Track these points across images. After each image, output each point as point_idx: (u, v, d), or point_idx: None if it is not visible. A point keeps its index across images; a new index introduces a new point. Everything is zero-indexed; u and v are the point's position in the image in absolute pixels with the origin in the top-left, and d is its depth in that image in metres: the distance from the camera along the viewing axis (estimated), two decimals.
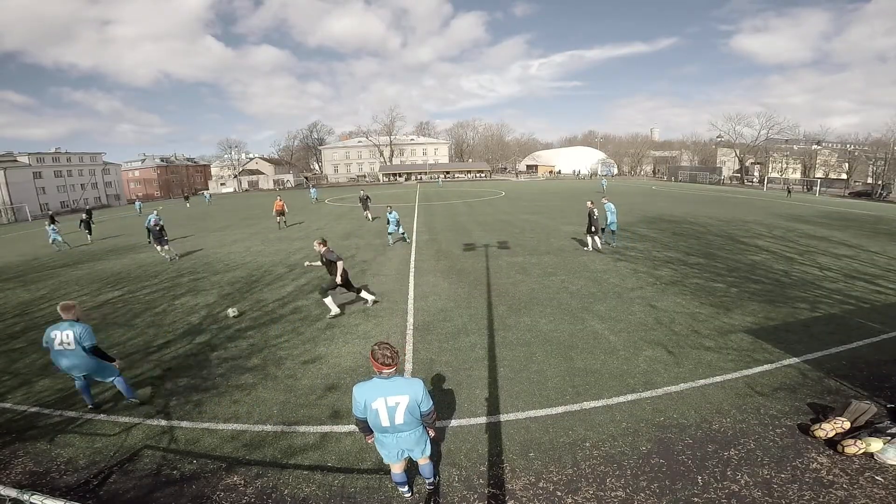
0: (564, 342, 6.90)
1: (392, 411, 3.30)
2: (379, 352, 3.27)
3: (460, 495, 3.85)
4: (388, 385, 3.30)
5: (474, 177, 76.19)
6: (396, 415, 3.32)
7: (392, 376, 3.32)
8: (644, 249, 13.78)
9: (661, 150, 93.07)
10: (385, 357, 3.24)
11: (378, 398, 3.28)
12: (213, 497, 3.91)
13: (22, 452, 4.63)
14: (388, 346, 3.31)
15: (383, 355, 3.25)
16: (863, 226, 19.43)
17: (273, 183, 75.94)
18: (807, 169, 62.59)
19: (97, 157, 69.14)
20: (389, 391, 3.29)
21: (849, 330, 7.13)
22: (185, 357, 6.90)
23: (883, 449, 4.05)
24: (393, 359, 3.26)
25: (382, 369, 3.26)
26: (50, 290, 11.60)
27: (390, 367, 3.26)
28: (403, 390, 3.32)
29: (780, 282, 10.00)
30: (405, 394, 3.31)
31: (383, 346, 3.30)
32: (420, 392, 3.36)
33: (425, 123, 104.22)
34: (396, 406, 3.30)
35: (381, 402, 3.29)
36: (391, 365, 3.26)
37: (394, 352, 3.30)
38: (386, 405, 3.29)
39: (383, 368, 3.25)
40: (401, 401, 3.30)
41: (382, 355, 3.25)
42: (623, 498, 3.74)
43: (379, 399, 3.28)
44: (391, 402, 3.29)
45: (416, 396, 3.34)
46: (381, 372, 3.28)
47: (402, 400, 3.30)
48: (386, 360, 3.24)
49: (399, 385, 3.33)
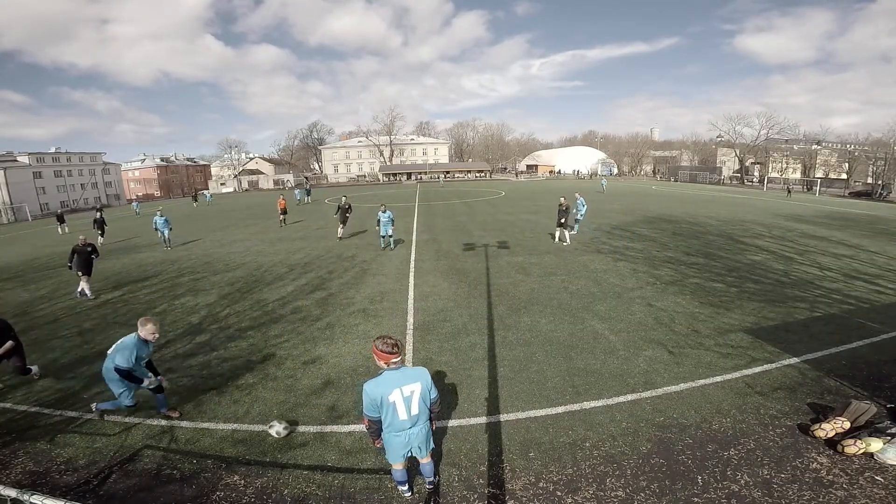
0: (564, 342, 6.90)
1: (408, 401, 3.30)
2: (381, 343, 3.26)
3: (460, 495, 3.85)
4: (400, 375, 3.30)
5: (474, 177, 76.18)
6: (412, 404, 3.31)
7: (400, 366, 3.32)
8: (644, 249, 13.78)
9: (661, 150, 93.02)
10: (389, 346, 3.23)
11: (394, 390, 3.26)
12: (213, 497, 3.91)
13: (22, 452, 4.62)
14: (390, 336, 3.32)
15: (387, 344, 3.23)
16: (863, 226, 19.43)
17: (273, 183, 75.96)
18: (807, 169, 62.57)
19: (97, 156, 69.16)
20: (403, 381, 3.29)
21: (848, 330, 7.13)
22: (185, 357, 6.90)
23: (883, 449, 4.05)
24: (399, 347, 3.27)
25: (390, 358, 3.24)
26: (50, 290, 11.60)
27: (396, 355, 3.25)
28: (415, 378, 3.34)
29: (780, 282, 10.00)
30: (417, 381, 3.33)
31: (385, 337, 3.30)
32: (428, 379, 3.42)
33: (425, 123, 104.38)
34: (412, 395, 3.30)
35: (398, 394, 3.26)
36: (397, 353, 3.25)
37: (397, 340, 3.30)
38: (402, 396, 3.27)
39: (391, 357, 3.24)
40: (415, 388, 3.31)
41: (386, 344, 3.24)
42: (623, 498, 3.74)
43: (395, 391, 3.26)
44: (406, 392, 3.28)
45: (426, 383, 3.38)
46: (389, 363, 3.26)
47: (415, 388, 3.31)
48: (390, 349, 3.23)
49: (409, 374, 3.35)
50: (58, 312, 9.56)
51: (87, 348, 7.43)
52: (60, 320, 9.01)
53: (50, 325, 8.70)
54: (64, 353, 7.22)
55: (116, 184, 72.67)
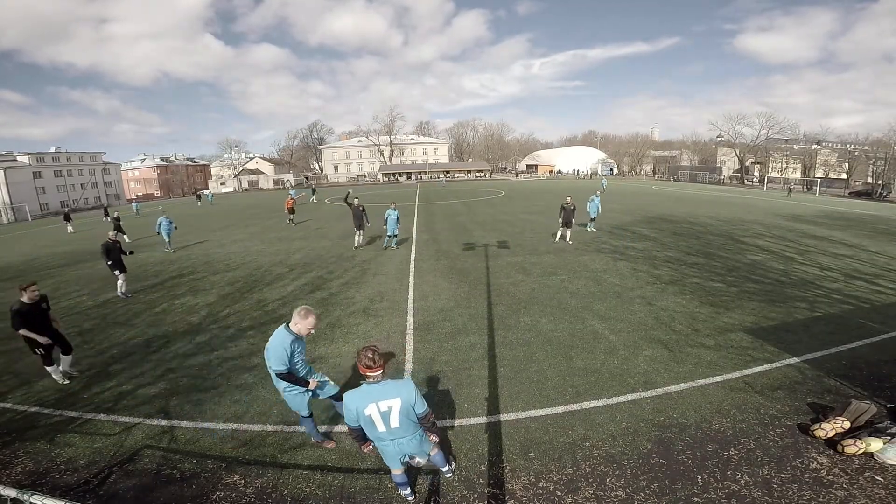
0: (564, 342, 6.90)
1: (386, 416, 3.22)
2: (363, 354, 3.18)
3: (460, 495, 3.84)
4: (378, 389, 3.22)
5: (474, 176, 76.16)
6: (391, 419, 3.23)
7: (380, 380, 3.24)
8: (644, 249, 13.78)
9: (661, 150, 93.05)
10: (367, 360, 3.16)
11: (370, 404, 3.20)
12: (213, 497, 3.91)
13: (22, 452, 4.62)
14: (372, 348, 3.22)
15: (366, 357, 3.17)
16: (863, 226, 19.42)
17: (273, 182, 76.00)
18: (807, 168, 62.60)
19: (97, 156, 69.21)
20: (379, 396, 3.21)
21: (849, 330, 7.13)
22: (185, 357, 6.90)
23: (883, 449, 4.05)
24: (376, 361, 3.17)
25: (367, 372, 3.18)
26: (50, 290, 11.56)
27: (374, 369, 3.18)
28: (393, 393, 3.23)
29: (780, 281, 10.00)
30: (396, 397, 3.22)
31: (366, 349, 3.21)
32: (412, 394, 3.27)
33: (425, 123, 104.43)
34: (389, 410, 3.22)
35: (374, 408, 3.20)
36: (375, 367, 3.17)
37: (377, 354, 3.21)
38: (378, 410, 3.20)
39: (367, 372, 3.18)
40: (393, 404, 3.21)
41: (365, 357, 3.17)
42: (623, 498, 3.74)
43: (371, 405, 3.20)
44: (383, 407, 3.21)
45: (408, 399, 3.25)
46: (367, 376, 3.20)
47: (393, 403, 3.21)
48: (368, 363, 3.16)
49: (388, 389, 3.24)
50: (58, 312, 9.54)
51: (87, 348, 7.43)
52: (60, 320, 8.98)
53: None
54: None
55: (116, 184, 72.72)
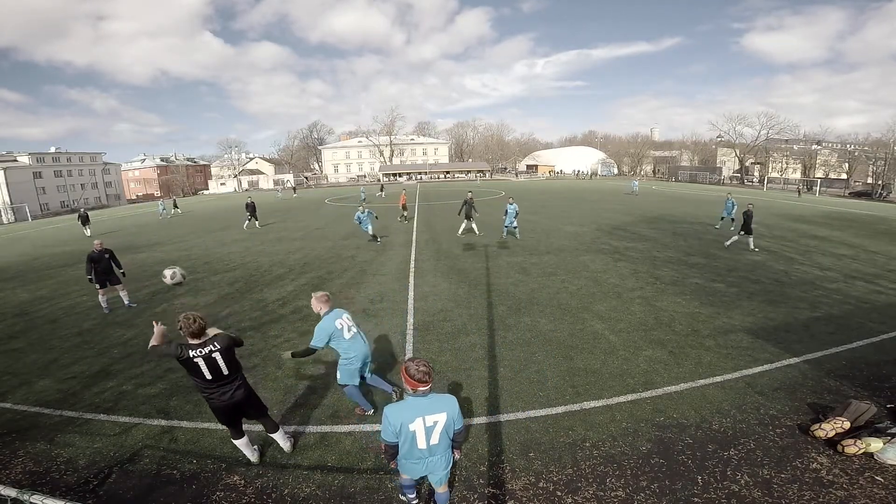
0: (564, 342, 6.90)
1: (430, 431, 3.11)
2: (414, 367, 3.05)
3: (460, 495, 3.84)
4: (426, 403, 3.10)
5: (474, 176, 76.16)
6: (433, 435, 3.12)
7: (428, 393, 3.14)
8: (644, 249, 13.78)
9: (661, 150, 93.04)
10: (421, 374, 3.02)
11: (416, 418, 3.07)
12: (213, 497, 3.90)
13: (22, 452, 4.62)
14: (424, 362, 3.12)
15: (419, 371, 3.03)
16: (863, 226, 19.43)
17: (273, 183, 76.00)
18: (807, 169, 62.62)
19: (97, 156, 69.26)
20: (428, 410, 3.10)
21: (849, 330, 7.13)
22: None
23: (883, 449, 4.05)
24: (429, 375, 3.05)
25: (419, 386, 3.06)
26: (50, 290, 11.60)
27: (426, 383, 3.07)
28: (441, 408, 3.13)
29: (780, 282, 10.00)
30: (443, 411, 3.12)
31: (419, 363, 3.08)
32: (456, 409, 3.19)
33: (426, 123, 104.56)
34: (434, 426, 3.11)
35: (420, 423, 3.08)
36: (427, 382, 3.05)
37: (430, 368, 3.09)
38: (424, 425, 3.09)
39: (419, 386, 3.05)
40: (439, 419, 3.11)
41: (418, 371, 3.03)
42: (623, 498, 3.74)
43: (417, 419, 3.07)
44: (429, 422, 3.09)
45: (452, 414, 3.16)
46: (417, 390, 3.09)
47: (440, 419, 3.11)
48: (423, 378, 3.02)
49: (437, 403, 3.14)
50: (58, 312, 9.56)
51: (86, 348, 7.43)
52: (60, 320, 9.01)
53: (50, 325, 8.70)
54: (63, 353, 7.21)
55: (116, 184, 72.77)
